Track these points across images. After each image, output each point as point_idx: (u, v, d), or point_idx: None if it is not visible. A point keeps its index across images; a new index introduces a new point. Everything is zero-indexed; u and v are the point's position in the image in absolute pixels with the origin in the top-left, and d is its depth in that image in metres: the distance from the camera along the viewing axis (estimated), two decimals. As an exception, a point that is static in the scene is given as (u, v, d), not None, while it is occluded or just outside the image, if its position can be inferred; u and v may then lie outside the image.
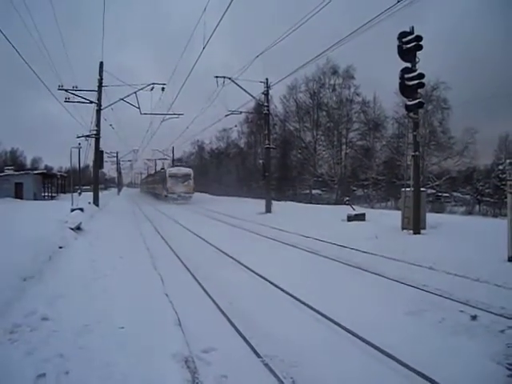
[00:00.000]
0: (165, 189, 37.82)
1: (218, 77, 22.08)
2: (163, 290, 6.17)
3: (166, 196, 37.72)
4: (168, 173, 38.16)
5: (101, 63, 22.89)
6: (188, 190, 37.16)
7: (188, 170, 39.26)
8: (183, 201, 36.06)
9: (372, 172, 34.95)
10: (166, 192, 37.30)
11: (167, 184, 37.10)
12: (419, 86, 11.94)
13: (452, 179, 31.84)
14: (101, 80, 22.81)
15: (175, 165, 45.84)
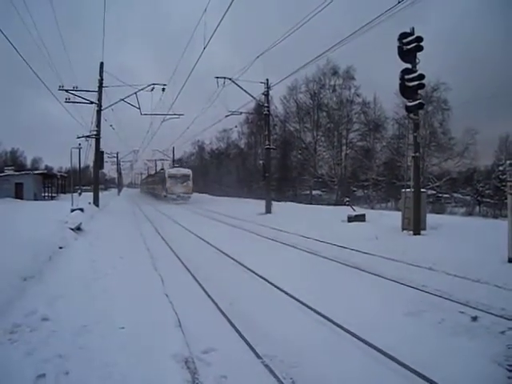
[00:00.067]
0: (164, 189, 38.47)
1: (218, 77, 22.11)
2: (163, 290, 6.17)
3: (165, 196, 38.29)
4: (167, 173, 38.82)
5: (101, 63, 22.92)
6: (187, 191, 37.83)
7: (187, 170, 39.93)
8: (182, 201, 36.54)
9: (372, 173, 34.94)
10: (166, 192, 37.92)
11: (166, 184, 37.73)
12: (419, 86, 11.95)
13: (452, 180, 31.85)
14: (101, 80, 22.83)
15: (174, 166, 46.39)
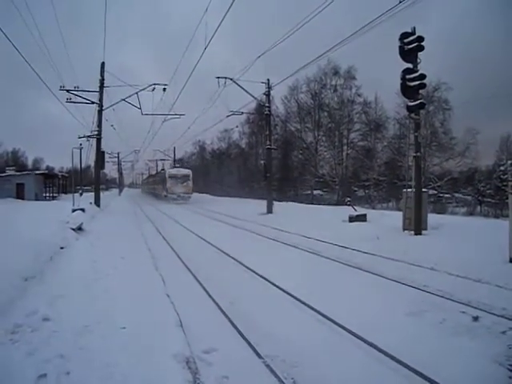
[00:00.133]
0: (165, 189, 39.10)
1: (219, 77, 22.12)
2: (164, 290, 6.18)
3: (165, 196, 38.88)
4: (168, 174, 39.48)
5: (102, 63, 22.93)
6: (187, 191, 38.49)
7: (187, 171, 40.58)
8: (182, 201, 37.03)
9: (373, 173, 34.91)
10: (166, 192, 38.52)
11: (167, 184, 38.35)
12: (421, 86, 11.94)
13: (453, 180, 31.79)
14: (102, 80, 22.85)
15: (175, 166, 46.93)
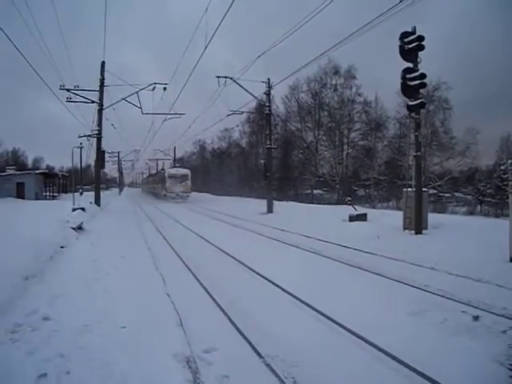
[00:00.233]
0: (164, 188, 40.00)
1: (219, 77, 22.08)
2: (164, 289, 6.17)
3: (164, 195, 39.71)
4: (167, 173, 40.37)
5: (102, 63, 22.90)
6: (186, 190, 39.36)
7: (186, 170, 41.43)
8: (181, 200, 37.76)
9: (373, 172, 34.94)
10: (165, 191, 39.40)
11: (166, 184, 39.25)
12: (421, 86, 11.92)
13: (454, 179, 31.85)
14: (102, 80, 22.83)
15: (174, 166, 47.60)
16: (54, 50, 20.65)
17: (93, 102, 22.76)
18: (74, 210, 16.57)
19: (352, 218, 15.29)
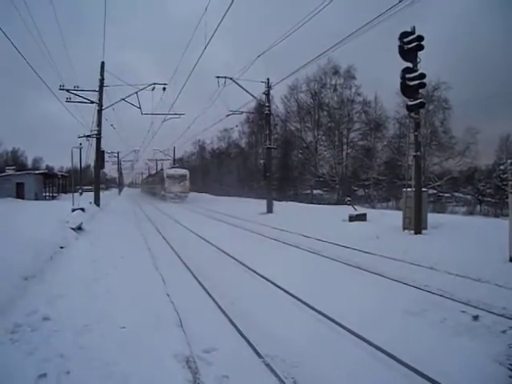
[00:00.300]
0: (163, 188, 40.79)
1: (219, 77, 22.10)
2: (164, 290, 6.17)
3: (163, 195, 40.46)
4: (166, 174, 41.06)
5: (102, 63, 22.89)
6: (184, 190, 39.94)
7: (184, 171, 41.90)
8: (179, 200, 38.31)
9: (373, 172, 34.92)
10: (164, 191, 40.12)
11: (165, 184, 39.90)
12: (420, 86, 11.93)
13: (453, 179, 31.83)
14: (102, 80, 22.81)
15: (173, 166, 48.00)
16: (54, 50, 20.71)
17: (92, 102, 22.75)
18: (73, 210, 16.56)
19: (352, 218, 15.30)
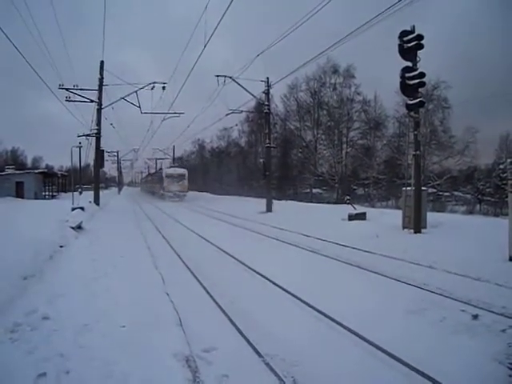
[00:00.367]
0: (161, 187, 41.29)
1: (218, 76, 22.09)
2: (164, 289, 6.17)
3: (162, 194, 40.94)
4: (165, 173, 41.49)
5: (101, 62, 22.88)
6: (182, 189, 40.40)
7: (183, 170, 42.27)
8: (178, 199, 38.73)
9: (373, 171, 34.92)
10: (163, 190, 40.58)
11: (164, 183, 40.39)
12: (420, 85, 11.93)
13: (453, 178, 31.82)
14: (101, 79, 22.79)
15: (171, 166, 48.55)
16: (53, 50, 20.74)
17: (92, 101, 22.75)
18: (73, 209, 16.57)
19: (351, 217, 15.30)
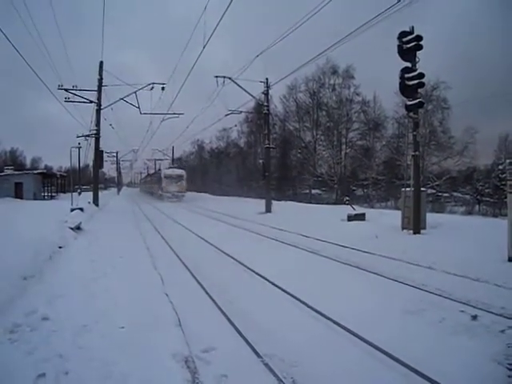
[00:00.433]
0: (160, 188, 41.74)
1: (217, 76, 22.12)
2: (163, 289, 6.17)
3: (160, 194, 41.42)
4: (163, 174, 42.02)
5: (101, 63, 22.91)
6: (181, 190, 40.93)
7: (181, 171, 42.83)
8: (176, 199, 39.16)
9: (372, 172, 34.93)
10: (161, 191, 41.06)
11: (162, 184, 40.88)
12: (419, 85, 11.95)
13: (452, 179, 31.81)
14: (101, 80, 22.81)
15: (170, 167, 48.98)
16: (53, 50, 20.72)
17: (91, 101, 22.76)
18: (72, 210, 16.56)
19: (350, 218, 15.30)
